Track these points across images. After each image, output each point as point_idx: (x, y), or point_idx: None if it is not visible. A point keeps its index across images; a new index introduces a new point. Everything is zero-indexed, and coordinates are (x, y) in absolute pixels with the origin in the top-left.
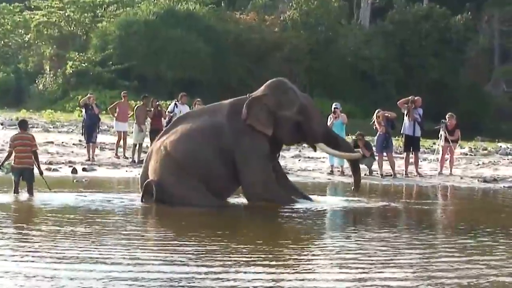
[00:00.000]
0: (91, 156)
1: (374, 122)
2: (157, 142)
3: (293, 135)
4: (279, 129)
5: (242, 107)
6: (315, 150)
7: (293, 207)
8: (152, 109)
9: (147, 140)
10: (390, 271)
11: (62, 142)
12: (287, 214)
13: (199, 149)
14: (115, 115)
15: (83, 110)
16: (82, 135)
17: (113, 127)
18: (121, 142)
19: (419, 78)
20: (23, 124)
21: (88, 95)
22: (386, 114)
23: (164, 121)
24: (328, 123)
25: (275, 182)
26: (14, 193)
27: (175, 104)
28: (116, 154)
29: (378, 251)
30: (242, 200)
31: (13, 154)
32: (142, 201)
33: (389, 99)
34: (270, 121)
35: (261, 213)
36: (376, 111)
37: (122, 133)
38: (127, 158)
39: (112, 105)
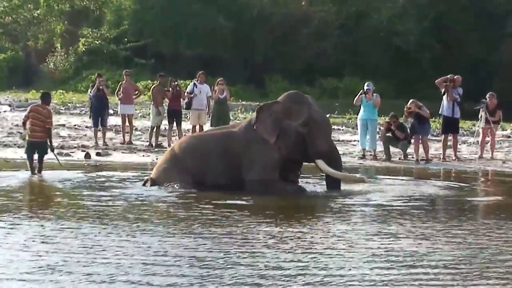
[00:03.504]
0: (102, 142)
1: (404, 115)
2: None
3: (295, 147)
4: (282, 138)
5: None
6: (320, 171)
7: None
8: (170, 89)
9: (166, 123)
10: None
11: (75, 125)
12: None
13: (203, 146)
14: (119, 97)
15: (90, 91)
16: (90, 118)
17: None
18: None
19: (456, 54)
20: (44, 98)
21: (96, 75)
22: (417, 110)
23: (183, 102)
24: (356, 101)
25: (280, 181)
26: (31, 173)
27: (194, 84)
28: (123, 139)
29: None
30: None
31: (28, 126)
32: None
33: (425, 78)
34: (275, 129)
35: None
36: (409, 102)
37: (126, 116)
38: (131, 143)
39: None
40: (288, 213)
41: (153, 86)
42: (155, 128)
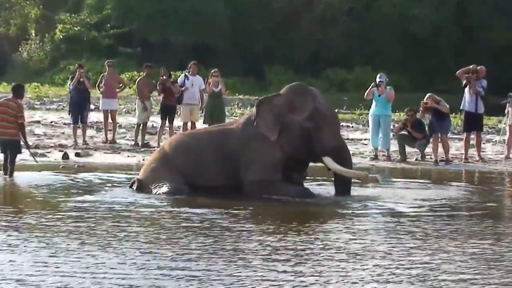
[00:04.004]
0: (81, 140)
1: (421, 111)
2: None
3: (299, 144)
4: (284, 134)
5: None
6: (328, 170)
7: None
8: (161, 79)
9: (154, 120)
10: None
11: (51, 122)
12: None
13: (196, 144)
14: (101, 90)
15: (69, 83)
16: (69, 114)
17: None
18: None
19: (480, 42)
20: (16, 91)
21: (76, 66)
22: (436, 106)
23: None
24: (367, 95)
25: (282, 183)
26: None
27: (185, 76)
28: (106, 138)
29: None
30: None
31: None
32: None
33: (444, 69)
34: (276, 124)
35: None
36: (427, 96)
37: (109, 112)
38: (115, 142)
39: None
40: (290, 219)
41: (138, 78)
42: (141, 125)
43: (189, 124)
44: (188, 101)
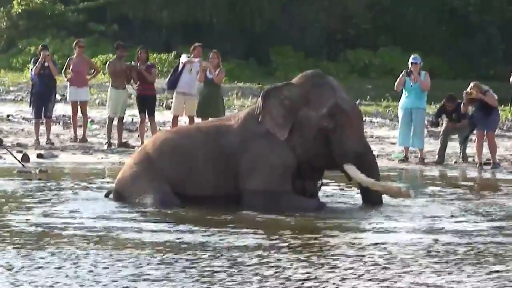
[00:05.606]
0: (45, 139)
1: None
2: None
3: (315, 146)
4: (297, 133)
5: None
6: (349, 179)
7: None
8: (131, 63)
9: (132, 113)
10: None
11: (8, 116)
12: None
13: (185, 145)
14: (68, 77)
15: (31, 69)
16: (30, 106)
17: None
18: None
19: None
20: None
21: (40, 47)
22: (481, 97)
23: (163, 84)
24: (398, 87)
25: (292, 194)
26: None
27: (188, 58)
28: (75, 136)
29: None
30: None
31: None
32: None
33: (491, 51)
34: (287, 121)
35: None
36: (471, 85)
37: (78, 103)
38: (86, 141)
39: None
40: (300, 244)
41: (108, 62)
42: (114, 119)
43: (185, 119)
44: (183, 89)
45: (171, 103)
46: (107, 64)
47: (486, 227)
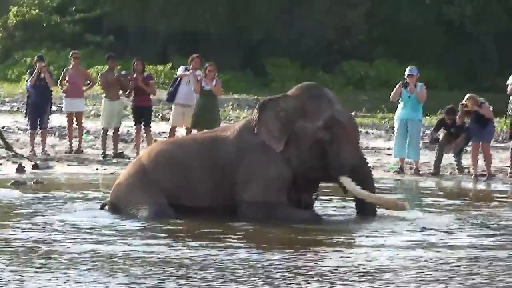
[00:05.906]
0: (40, 150)
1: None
2: None
3: (311, 158)
4: (293, 145)
5: None
6: (344, 192)
7: None
8: (133, 74)
9: (128, 124)
10: None
11: (3, 127)
12: None
13: (181, 156)
14: (64, 88)
15: (27, 80)
16: (25, 117)
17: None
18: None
19: None
20: None
21: (36, 58)
22: (476, 109)
23: (162, 96)
24: (394, 97)
25: (288, 206)
26: None
27: (186, 69)
28: (70, 147)
29: None
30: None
31: None
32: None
33: (487, 62)
34: (283, 133)
35: None
36: (466, 97)
37: (74, 114)
38: (81, 152)
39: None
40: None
41: (100, 73)
42: (109, 130)
43: (182, 130)
44: (182, 100)
45: (167, 114)
46: (99, 76)
47: (480, 239)
